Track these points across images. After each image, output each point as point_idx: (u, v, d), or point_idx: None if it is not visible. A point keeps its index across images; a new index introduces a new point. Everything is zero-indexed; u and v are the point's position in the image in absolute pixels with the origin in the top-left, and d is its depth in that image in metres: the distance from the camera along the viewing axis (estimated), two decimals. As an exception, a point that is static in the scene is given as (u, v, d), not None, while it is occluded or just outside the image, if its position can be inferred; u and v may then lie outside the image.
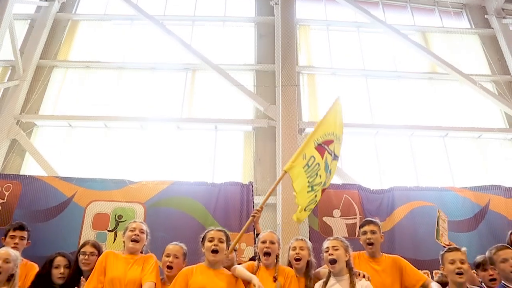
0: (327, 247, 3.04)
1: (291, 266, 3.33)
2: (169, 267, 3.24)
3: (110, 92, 8.69)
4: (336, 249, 2.96)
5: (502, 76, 9.11)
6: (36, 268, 3.56)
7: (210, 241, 3.04)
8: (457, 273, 2.82)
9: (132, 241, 3.20)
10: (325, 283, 2.93)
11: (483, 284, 3.44)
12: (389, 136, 8.36)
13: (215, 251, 2.95)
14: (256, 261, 3.30)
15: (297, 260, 3.17)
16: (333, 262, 2.86)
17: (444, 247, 3.51)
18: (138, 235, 3.25)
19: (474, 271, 3.75)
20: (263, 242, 3.24)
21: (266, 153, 8.01)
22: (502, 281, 2.95)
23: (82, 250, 3.30)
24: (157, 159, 7.93)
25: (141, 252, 3.29)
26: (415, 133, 8.34)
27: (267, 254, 3.17)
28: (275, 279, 3.07)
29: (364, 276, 2.89)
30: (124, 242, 3.24)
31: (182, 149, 8.03)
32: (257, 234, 3.79)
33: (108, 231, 6.48)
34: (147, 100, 8.55)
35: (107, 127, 8.24)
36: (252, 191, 6.86)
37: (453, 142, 8.42)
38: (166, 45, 9.19)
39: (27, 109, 8.29)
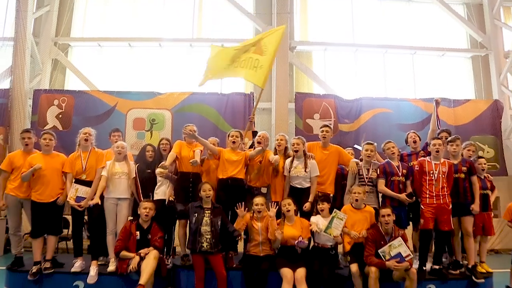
0: (293, 143, 5.08)
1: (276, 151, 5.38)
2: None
3: (130, 14, 9.99)
4: (298, 145, 4.98)
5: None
6: (130, 153, 5.47)
7: (232, 136, 5.05)
8: (367, 156, 4.92)
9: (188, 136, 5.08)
10: (291, 161, 5.03)
11: None
12: (366, 53, 9.97)
13: (234, 142, 5.00)
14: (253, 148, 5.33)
15: (279, 145, 5.24)
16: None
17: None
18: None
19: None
20: (258, 136, 5.24)
21: (264, 68, 9.72)
22: (388, 159, 5.03)
23: (161, 142, 5.15)
24: (175, 72, 9.66)
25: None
26: (389, 51, 9.95)
27: (259, 142, 5.14)
28: (260, 162, 5.13)
29: (312, 157, 4.97)
30: (184, 137, 5.15)
31: (195, 64, 9.69)
32: (254, 132, 5.78)
33: (146, 131, 8.70)
34: (163, 22, 9.91)
35: (131, 46, 9.81)
36: (253, 99, 8.94)
37: (420, 59, 10.09)
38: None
39: (61, 32, 9.71)
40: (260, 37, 5.77)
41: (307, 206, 4.67)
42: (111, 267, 4.37)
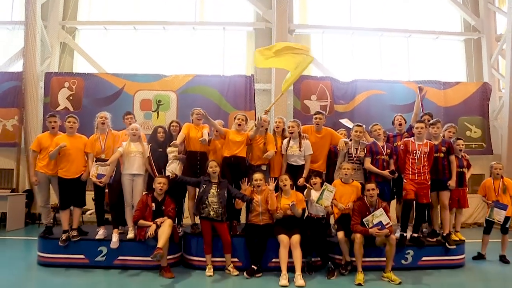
0: (289, 126, 5.59)
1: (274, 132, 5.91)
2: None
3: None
4: (293, 127, 5.50)
5: (468, -18, 10.56)
6: (143, 134, 5.99)
7: (238, 119, 5.54)
8: (356, 136, 5.47)
9: (197, 119, 5.60)
10: (288, 141, 5.57)
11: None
12: (363, 36, 10.33)
13: (239, 125, 5.49)
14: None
15: (277, 127, 5.78)
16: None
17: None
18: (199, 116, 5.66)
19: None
20: (259, 119, 5.75)
21: (264, 50, 10.13)
22: (374, 140, 5.59)
23: (171, 124, 5.70)
24: (179, 55, 10.06)
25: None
26: (384, 34, 10.29)
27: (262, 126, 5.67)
28: (264, 144, 5.67)
29: (306, 138, 5.51)
30: (192, 120, 5.68)
31: (198, 47, 10.12)
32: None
33: (152, 111, 9.21)
34: (167, 5, 10.23)
35: (136, 29, 10.16)
36: (254, 80, 9.39)
37: (415, 42, 10.45)
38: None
39: (68, 16, 10.04)
40: (302, 48, 6.14)
41: (301, 181, 5.26)
42: (130, 234, 5.00)
